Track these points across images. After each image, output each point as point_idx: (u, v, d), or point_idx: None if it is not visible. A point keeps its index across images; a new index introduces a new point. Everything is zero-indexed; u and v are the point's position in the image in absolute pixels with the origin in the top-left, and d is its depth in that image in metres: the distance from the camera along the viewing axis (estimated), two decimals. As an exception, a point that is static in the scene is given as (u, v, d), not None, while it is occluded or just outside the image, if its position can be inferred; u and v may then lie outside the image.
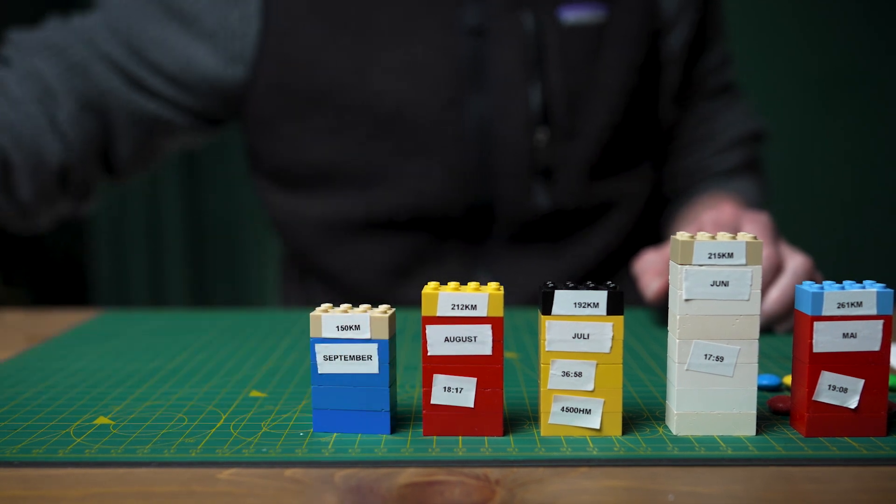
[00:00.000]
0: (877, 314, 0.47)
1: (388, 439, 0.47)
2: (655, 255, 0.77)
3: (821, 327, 0.46)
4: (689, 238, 0.47)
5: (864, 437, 0.47)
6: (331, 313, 0.48)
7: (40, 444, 0.47)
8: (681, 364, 0.47)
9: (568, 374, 0.47)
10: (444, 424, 0.48)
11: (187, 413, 0.52)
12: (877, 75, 2.25)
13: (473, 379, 0.47)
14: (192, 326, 0.77)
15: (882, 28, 2.24)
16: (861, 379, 0.47)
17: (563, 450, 0.46)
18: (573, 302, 0.47)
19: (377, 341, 0.47)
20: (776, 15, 2.22)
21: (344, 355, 0.47)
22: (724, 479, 0.42)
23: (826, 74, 2.24)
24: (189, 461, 0.45)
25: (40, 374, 0.61)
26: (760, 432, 0.48)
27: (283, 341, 0.71)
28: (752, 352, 0.47)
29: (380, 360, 0.47)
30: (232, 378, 0.60)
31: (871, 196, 2.29)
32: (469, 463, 0.44)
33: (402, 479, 0.42)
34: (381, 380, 0.47)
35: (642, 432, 0.48)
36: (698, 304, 0.47)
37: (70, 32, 0.91)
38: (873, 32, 2.24)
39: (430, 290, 0.47)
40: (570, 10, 0.91)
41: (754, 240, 0.47)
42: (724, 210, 0.76)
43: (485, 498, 0.40)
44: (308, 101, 0.92)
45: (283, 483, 0.42)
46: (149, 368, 0.63)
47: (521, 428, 0.49)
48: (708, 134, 1.02)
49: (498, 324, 0.47)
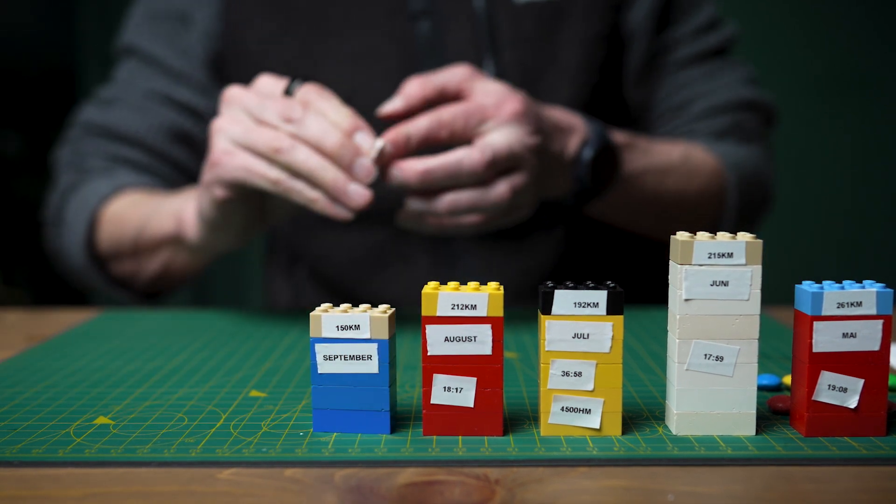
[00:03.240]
0: (876, 314, 0.47)
1: (388, 439, 0.47)
2: (417, 88, 0.72)
3: (820, 327, 0.46)
4: (689, 238, 0.47)
5: (863, 436, 0.47)
6: (331, 313, 0.48)
7: (40, 444, 0.47)
8: (681, 364, 0.47)
9: (568, 373, 0.47)
10: (444, 424, 0.48)
11: (187, 413, 0.52)
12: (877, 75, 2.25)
13: (473, 379, 0.47)
14: (192, 326, 0.77)
15: (883, 28, 2.24)
16: (861, 379, 0.47)
17: (563, 450, 0.46)
18: (573, 302, 0.47)
19: (377, 341, 0.47)
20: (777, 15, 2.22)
21: (344, 355, 0.47)
22: (724, 479, 0.42)
23: (827, 74, 2.24)
24: (189, 461, 0.45)
25: (40, 374, 0.61)
26: (760, 432, 0.48)
27: (283, 341, 0.71)
28: (752, 352, 0.47)
29: (380, 359, 0.47)
30: (232, 378, 0.60)
31: (872, 196, 2.29)
32: (469, 463, 0.44)
33: (402, 478, 0.42)
34: (381, 380, 0.47)
35: (642, 432, 0.48)
36: (698, 303, 0.47)
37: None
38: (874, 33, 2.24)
39: (430, 289, 0.47)
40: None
41: (754, 239, 0.47)
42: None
43: (485, 498, 0.40)
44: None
45: (282, 483, 0.42)
46: (149, 368, 0.63)
47: (521, 428, 0.49)
48: (682, 102, 0.95)
49: (498, 324, 0.47)
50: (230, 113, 0.70)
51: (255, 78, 0.73)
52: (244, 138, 0.67)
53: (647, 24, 0.93)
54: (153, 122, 0.95)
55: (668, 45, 0.96)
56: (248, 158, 0.67)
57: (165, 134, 0.95)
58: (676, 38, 0.96)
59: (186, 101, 0.95)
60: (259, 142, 0.66)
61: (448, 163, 0.68)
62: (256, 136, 0.67)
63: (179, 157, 0.96)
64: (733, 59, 1.00)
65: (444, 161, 0.68)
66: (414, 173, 0.67)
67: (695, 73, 0.96)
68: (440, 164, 0.68)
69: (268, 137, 0.66)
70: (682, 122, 0.95)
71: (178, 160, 0.96)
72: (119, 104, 0.96)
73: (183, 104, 0.95)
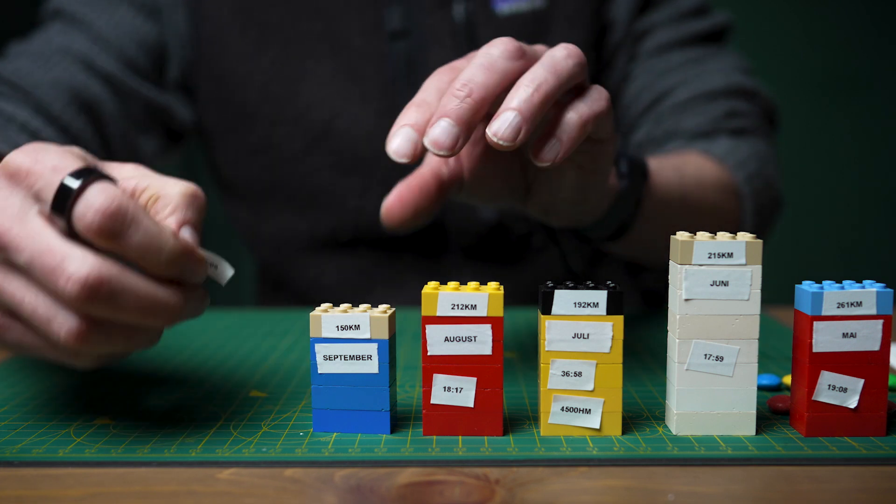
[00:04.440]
0: (876, 314, 0.47)
1: (388, 439, 0.47)
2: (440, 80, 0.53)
3: (820, 327, 0.46)
4: (689, 238, 0.47)
5: (863, 436, 0.47)
6: (331, 313, 0.48)
7: (40, 444, 0.47)
8: (681, 364, 0.47)
9: (568, 373, 0.47)
10: (444, 424, 0.48)
11: (187, 413, 0.52)
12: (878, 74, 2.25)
13: (473, 379, 0.47)
14: (193, 326, 0.77)
15: (884, 28, 2.24)
16: (861, 379, 0.47)
17: (563, 449, 0.46)
18: (573, 302, 0.47)
19: (377, 341, 0.47)
20: (778, 14, 2.22)
21: (344, 355, 0.47)
22: (724, 479, 0.42)
23: (827, 73, 2.24)
24: (189, 461, 0.45)
25: (40, 374, 0.61)
26: (760, 432, 0.48)
27: (283, 341, 0.71)
28: (752, 351, 0.47)
29: (380, 359, 0.47)
30: (232, 378, 0.60)
31: (872, 196, 2.29)
32: (469, 463, 0.44)
33: (402, 478, 0.42)
34: (380, 379, 0.47)
35: (642, 432, 0.48)
36: (698, 303, 0.47)
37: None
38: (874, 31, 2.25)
39: (430, 289, 0.47)
40: (505, 1, 0.84)
41: (754, 239, 0.47)
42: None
43: (485, 498, 0.40)
44: (240, 114, 0.88)
45: (283, 483, 0.42)
46: (149, 368, 0.63)
47: (521, 428, 0.49)
48: (662, 92, 0.87)
49: (498, 324, 0.47)
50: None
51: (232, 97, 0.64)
52: None
53: (626, 14, 0.88)
54: (57, 77, 0.80)
55: (644, 31, 0.89)
56: None
57: (67, 95, 0.80)
58: (654, 21, 0.89)
59: (109, 73, 0.83)
60: None
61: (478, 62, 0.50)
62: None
63: (77, 128, 0.80)
64: (723, 48, 0.92)
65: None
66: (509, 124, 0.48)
67: (676, 59, 0.88)
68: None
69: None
70: (665, 115, 0.87)
71: (75, 131, 0.80)
72: (23, 56, 0.82)
73: (103, 74, 0.83)
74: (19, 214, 0.42)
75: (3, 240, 0.42)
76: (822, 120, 2.26)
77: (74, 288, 0.40)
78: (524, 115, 0.48)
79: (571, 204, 0.60)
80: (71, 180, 0.42)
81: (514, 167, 0.61)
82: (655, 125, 0.88)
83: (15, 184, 0.43)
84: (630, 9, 0.88)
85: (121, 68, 0.84)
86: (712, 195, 0.79)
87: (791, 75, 2.20)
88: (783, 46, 2.21)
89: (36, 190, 0.43)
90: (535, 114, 0.48)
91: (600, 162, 0.56)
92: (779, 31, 2.21)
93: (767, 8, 2.20)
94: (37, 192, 0.43)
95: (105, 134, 0.83)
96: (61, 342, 0.42)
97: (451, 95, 0.49)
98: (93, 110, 0.82)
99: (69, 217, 0.42)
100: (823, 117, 2.26)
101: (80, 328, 0.42)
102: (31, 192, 0.43)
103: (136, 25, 0.85)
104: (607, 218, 0.65)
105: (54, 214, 0.42)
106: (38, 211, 0.42)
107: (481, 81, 0.49)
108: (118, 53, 0.84)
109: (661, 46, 0.89)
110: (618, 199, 0.65)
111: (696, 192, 0.76)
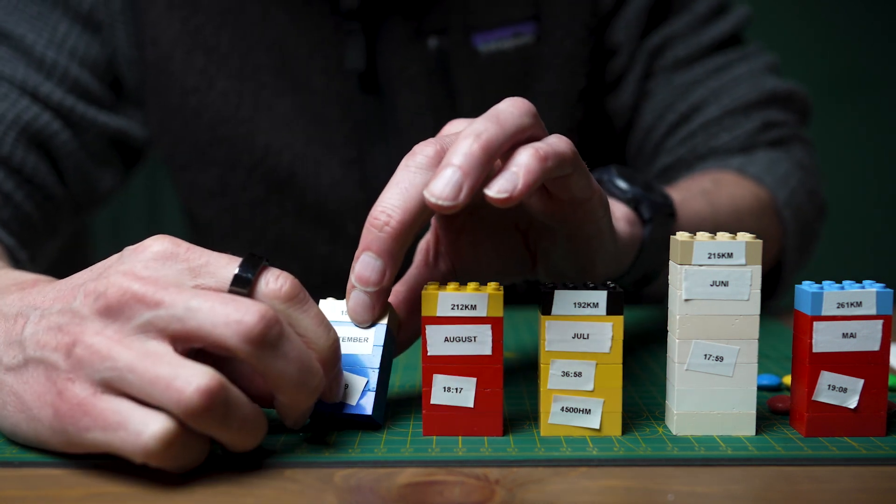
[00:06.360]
0: (876, 314, 0.47)
1: (387, 439, 0.47)
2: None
3: (820, 327, 0.46)
4: (689, 238, 0.47)
5: (863, 436, 0.47)
6: (332, 301, 0.49)
7: (40, 444, 0.47)
8: (680, 364, 0.47)
9: (568, 373, 0.47)
10: (443, 424, 0.48)
11: (187, 413, 0.52)
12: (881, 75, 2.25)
13: (473, 379, 0.47)
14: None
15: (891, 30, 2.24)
16: (861, 379, 0.47)
17: (563, 450, 0.46)
18: (573, 302, 0.47)
19: (376, 325, 0.48)
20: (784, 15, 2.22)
21: (343, 337, 0.48)
22: (724, 479, 0.42)
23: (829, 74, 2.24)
24: (189, 461, 0.45)
25: (40, 374, 0.61)
26: (760, 432, 0.48)
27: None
28: (752, 352, 0.47)
29: (374, 342, 0.48)
30: (232, 378, 0.60)
31: (872, 196, 2.29)
32: (469, 463, 0.44)
33: (402, 479, 0.42)
34: (371, 360, 0.48)
35: (642, 432, 0.48)
36: (698, 304, 0.47)
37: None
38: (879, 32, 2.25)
39: (430, 290, 0.47)
40: (487, 38, 0.75)
41: (754, 239, 0.47)
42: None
43: (485, 498, 0.40)
44: (194, 152, 0.80)
45: (282, 483, 0.42)
46: (149, 368, 0.63)
47: (521, 428, 0.49)
48: (690, 110, 0.79)
49: (498, 324, 0.47)
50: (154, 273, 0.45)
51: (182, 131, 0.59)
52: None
53: (632, 36, 0.81)
54: (1, 112, 0.73)
55: (661, 45, 0.81)
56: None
57: (14, 131, 0.73)
58: (670, 34, 0.81)
59: (57, 102, 0.75)
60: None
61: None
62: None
63: (29, 167, 0.73)
64: (746, 48, 0.84)
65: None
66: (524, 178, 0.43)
67: (699, 71, 0.81)
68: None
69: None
70: (696, 135, 0.80)
71: (28, 171, 0.73)
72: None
73: (52, 105, 0.75)
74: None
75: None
76: (827, 121, 2.26)
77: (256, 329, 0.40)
78: (464, 169, 0.42)
79: (580, 271, 0.54)
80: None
81: (510, 243, 0.55)
82: (685, 146, 0.81)
83: None
84: (636, 30, 0.81)
85: (68, 95, 0.76)
86: (749, 222, 0.72)
87: (797, 76, 2.20)
88: (790, 47, 2.21)
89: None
90: (478, 167, 0.42)
91: (588, 228, 0.50)
92: (785, 32, 2.21)
93: (773, 9, 2.20)
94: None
95: (60, 169, 0.77)
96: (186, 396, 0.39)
97: (371, 226, 0.45)
98: (44, 145, 0.75)
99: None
100: (823, 117, 2.26)
101: (212, 381, 0.39)
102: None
103: (80, 45, 0.77)
104: (633, 269, 0.60)
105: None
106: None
107: (402, 204, 0.45)
108: (63, 78, 0.76)
109: (681, 60, 0.81)
110: (642, 247, 0.59)
111: (730, 222, 0.69)
